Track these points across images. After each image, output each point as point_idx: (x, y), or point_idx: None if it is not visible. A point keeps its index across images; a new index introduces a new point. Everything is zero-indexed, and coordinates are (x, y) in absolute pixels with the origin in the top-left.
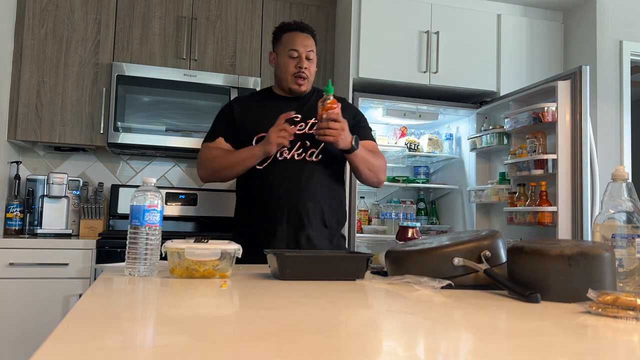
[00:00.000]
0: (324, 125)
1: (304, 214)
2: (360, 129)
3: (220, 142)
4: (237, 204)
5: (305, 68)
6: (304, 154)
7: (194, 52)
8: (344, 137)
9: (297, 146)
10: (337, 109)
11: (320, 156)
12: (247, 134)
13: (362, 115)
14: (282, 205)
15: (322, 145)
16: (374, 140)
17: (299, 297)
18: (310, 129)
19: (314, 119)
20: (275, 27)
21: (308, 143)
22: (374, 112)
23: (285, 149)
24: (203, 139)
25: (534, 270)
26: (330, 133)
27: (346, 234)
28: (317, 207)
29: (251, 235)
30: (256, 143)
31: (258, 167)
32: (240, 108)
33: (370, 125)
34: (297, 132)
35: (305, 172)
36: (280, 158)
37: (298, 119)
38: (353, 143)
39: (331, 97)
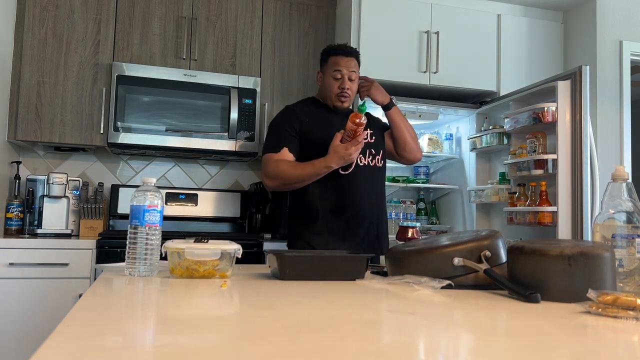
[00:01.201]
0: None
1: (379, 217)
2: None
3: (285, 152)
4: (308, 208)
5: (348, 88)
6: (373, 161)
7: (194, 52)
8: (378, 88)
9: (367, 153)
10: (361, 128)
11: (382, 162)
12: (316, 144)
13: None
14: (364, 210)
15: (381, 152)
16: None
17: (299, 297)
18: (370, 138)
19: (368, 129)
20: (323, 48)
21: (373, 151)
22: (374, 112)
23: (361, 155)
24: (264, 149)
25: (534, 270)
26: (365, 86)
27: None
28: (384, 210)
29: (324, 241)
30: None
31: (342, 172)
32: (309, 119)
33: None
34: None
35: (376, 176)
36: (360, 164)
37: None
38: (392, 98)
39: (363, 116)
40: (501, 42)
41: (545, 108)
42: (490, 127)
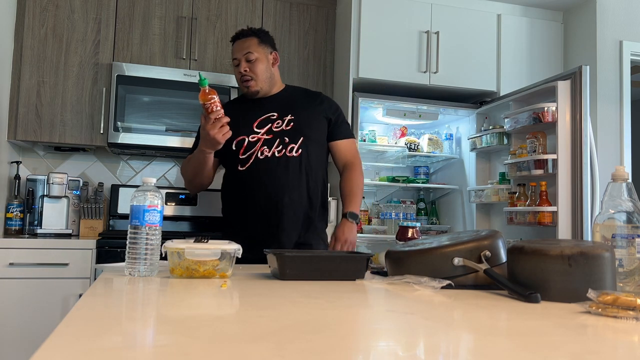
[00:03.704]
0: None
1: (290, 209)
2: (341, 125)
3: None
4: (223, 206)
5: (246, 70)
6: (284, 150)
7: (194, 52)
8: (353, 239)
9: (276, 143)
10: (217, 97)
11: (300, 150)
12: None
13: (341, 111)
14: (269, 202)
15: (300, 139)
16: (352, 136)
17: (299, 297)
18: (287, 125)
19: (290, 115)
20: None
21: (286, 139)
22: (374, 112)
23: (265, 147)
24: None
25: (534, 270)
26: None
27: (326, 228)
28: (303, 201)
29: (239, 236)
30: (236, 146)
31: (240, 167)
32: (225, 114)
33: (370, 125)
34: (275, 129)
35: (288, 168)
36: (261, 157)
37: (275, 117)
38: (357, 221)
39: (207, 88)
40: (501, 42)
41: (545, 108)
42: (490, 127)
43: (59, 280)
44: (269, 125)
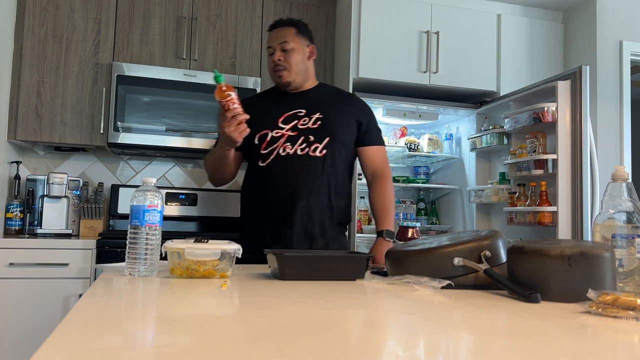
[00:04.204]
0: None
1: (307, 211)
2: (373, 131)
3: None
4: (241, 203)
5: (280, 59)
6: (307, 149)
7: (194, 52)
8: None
9: (300, 141)
10: (234, 94)
11: (324, 151)
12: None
13: (374, 116)
14: (286, 203)
15: (326, 140)
16: (382, 143)
17: (299, 297)
18: (314, 123)
19: (318, 113)
20: None
21: (312, 138)
22: (374, 112)
23: (288, 144)
24: None
25: (534, 270)
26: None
27: (346, 234)
28: (322, 204)
29: (256, 236)
30: (258, 140)
31: (260, 164)
32: (250, 105)
33: None
34: (300, 126)
35: (309, 168)
36: (282, 153)
37: (302, 114)
38: (388, 239)
39: (223, 85)
40: (501, 42)
41: (545, 108)
42: (490, 127)
43: (59, 280)
44: (295, 121)
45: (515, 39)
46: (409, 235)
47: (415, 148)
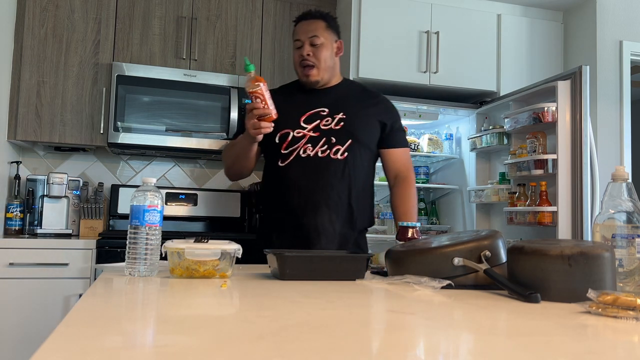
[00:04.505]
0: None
1: (325, 215)
2: (397, 132)
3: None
4: (259, 202)
5: (309, 54)
6: (328, 151)
7: (194, 52)
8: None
9: (321, 142)
10: (262, 86)
11: (346, 154)
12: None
13: (399, 117)
14: (304, 206)
15: (348, 142)
16: (406, 145)
17: (299, 297)
18: (336, 124)
19: (341, 113)
20: None
21: (333, 139)
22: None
23: (309, 145)
24: None
25: (534, 270)
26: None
27: (366, 237)
28: (341, 208)
29: (271, 238)
30: (279, 140)
31: (280, 164)
32: (273, 100)
33: None
34: (323, 126)
35: (330, 171)
36: (303, 155)
37: (325, 113)
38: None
39: (252, 75)
40: (501, 42)
41: (545, 108)
42: (490, 127)
43: (59, 280)
44: (318, 121)
45: (515, 39)
46: (409, 235)
47: (415, 148)
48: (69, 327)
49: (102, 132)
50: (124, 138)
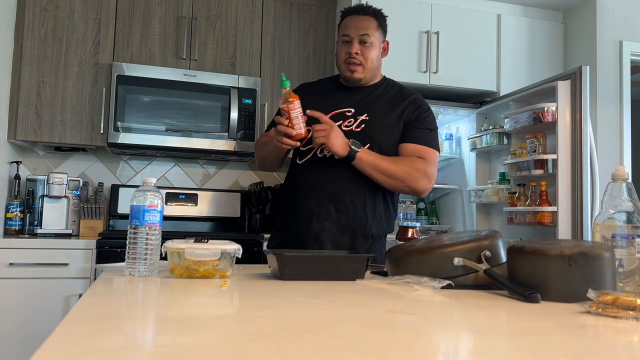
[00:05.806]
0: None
1: (335, 218)
2: (415, 130)
3: (272, 132)
4: (280, 196)
5: (357, 53)
6: None
7: (194, 52)
8: (333, 141)
9: None
10: (292, 104)
11: None
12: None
13: (426, 116)
14: (316, 208)
15: (367, 146)
16: (426, 144)
17: (299, 297)
18: (357, 126)
19: (365, 115)
20: None
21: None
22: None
23: (326, 145)
24: None
25: (534, 270)
26: (316, 135)
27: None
28: (354, 213)
29: (283, 238)
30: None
31: (298, 161)
32: (310, 94)
33: None
34: (344, 128)
35: (345, 174)
36: (319, 155)
37: (350, 113)
38: (351, 147)
39: (288, 90)
40: (501, 42)
41: (545, 108)
42: (490, 127)
43: (59, 280)
44: (340, 122)
45: (515, 39)
46: (409, 235)
47: None
48: (69, 327)
49: (102, 132)
50: (124, 138)
